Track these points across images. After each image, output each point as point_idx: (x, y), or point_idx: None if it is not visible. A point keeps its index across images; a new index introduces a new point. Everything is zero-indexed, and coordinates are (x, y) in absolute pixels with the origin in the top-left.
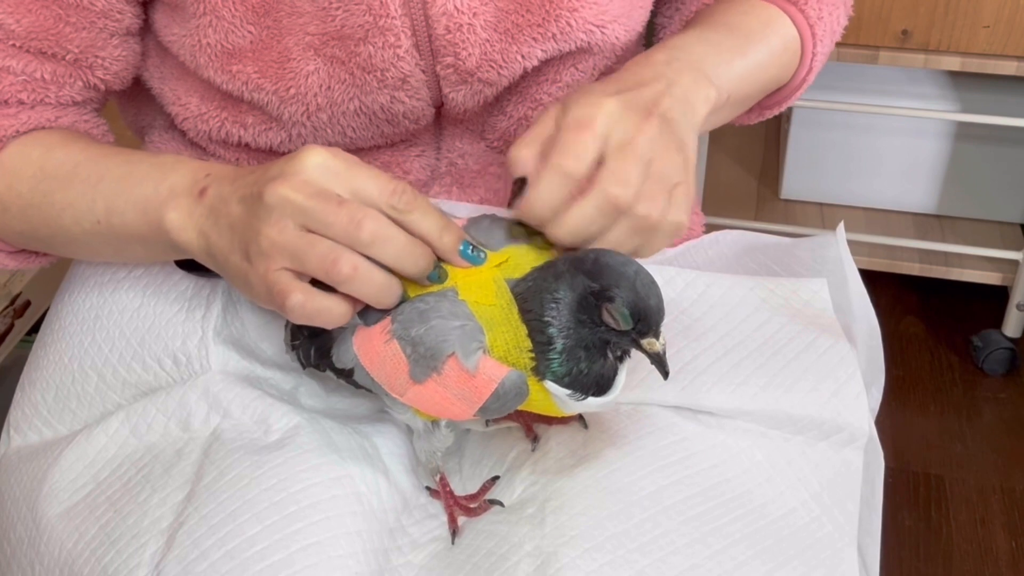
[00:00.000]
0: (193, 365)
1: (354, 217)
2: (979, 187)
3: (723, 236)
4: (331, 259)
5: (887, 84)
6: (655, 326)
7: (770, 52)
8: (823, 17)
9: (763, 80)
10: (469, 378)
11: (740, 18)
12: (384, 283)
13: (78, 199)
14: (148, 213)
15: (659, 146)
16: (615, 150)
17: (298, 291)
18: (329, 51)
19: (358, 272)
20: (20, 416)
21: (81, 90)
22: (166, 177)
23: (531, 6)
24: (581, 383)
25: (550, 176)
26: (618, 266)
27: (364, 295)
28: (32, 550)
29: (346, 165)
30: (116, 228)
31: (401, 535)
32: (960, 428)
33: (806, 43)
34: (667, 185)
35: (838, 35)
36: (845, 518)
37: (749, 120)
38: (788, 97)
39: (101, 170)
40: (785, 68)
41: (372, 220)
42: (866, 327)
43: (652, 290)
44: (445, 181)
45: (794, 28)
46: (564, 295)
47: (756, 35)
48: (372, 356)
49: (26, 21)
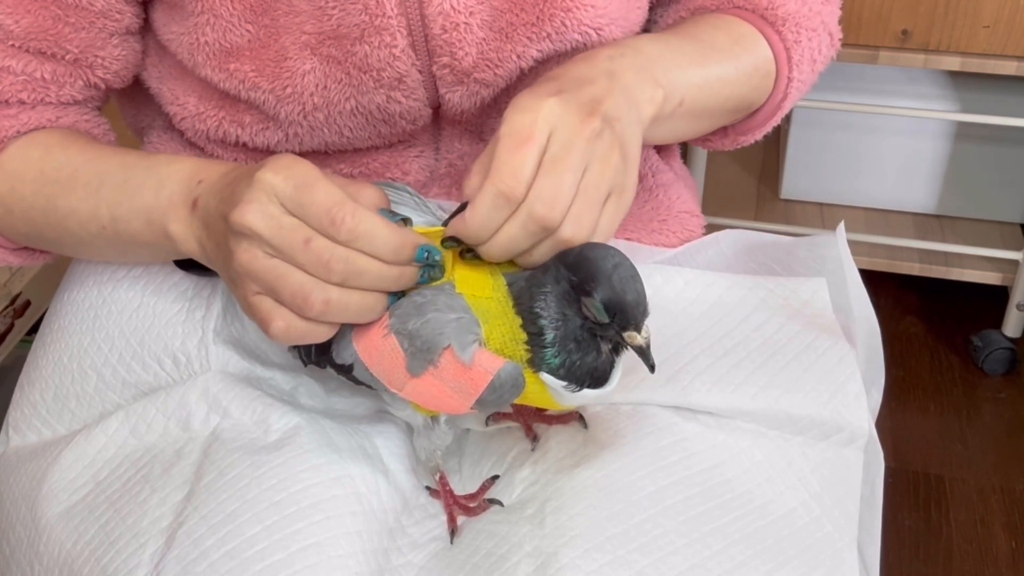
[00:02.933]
0: (193, 365)
1: (321, 258)
2: (979, 187)
3: (723, 236)
4: (302, 296)
5: (887, 84)
6: (634, 320)
7: (736, 68)
8: (800, 41)
9: (725, 95)
10: (465, 370)
11: (710, 31)
12: (361, 306)
13: (81, 205)
14: (152, 223)
15: (599, 149)
16: (549, 162)
17: (279, 318)
18: (325, 50)
19: (331, 305)
20: (19, 416)
21: (82, 89)
22: (163, 185)
23: (525, 5)
24: (576, 375)
25: (486, 197)
26: (597, 260)
27: (344, 320)
28: (31, 550)
29: (296, 189)
30: (122, 235)
31: (401, 535)
32: (960, 428)
33: (781, 66)
34: (598, 199)
35: (820, 64)
36: (845, 518)
37: (724, 145)
38: (764, 122)
39: (100, 175)
40: (756, 89)
41: (338, 260)
42: (866, 327)
43: (630, 284)
44: (444, 182)
45: (769, 50)
46: (551, 288)
47: (723, 49)
48: (371, 351)
49: (25, 22)
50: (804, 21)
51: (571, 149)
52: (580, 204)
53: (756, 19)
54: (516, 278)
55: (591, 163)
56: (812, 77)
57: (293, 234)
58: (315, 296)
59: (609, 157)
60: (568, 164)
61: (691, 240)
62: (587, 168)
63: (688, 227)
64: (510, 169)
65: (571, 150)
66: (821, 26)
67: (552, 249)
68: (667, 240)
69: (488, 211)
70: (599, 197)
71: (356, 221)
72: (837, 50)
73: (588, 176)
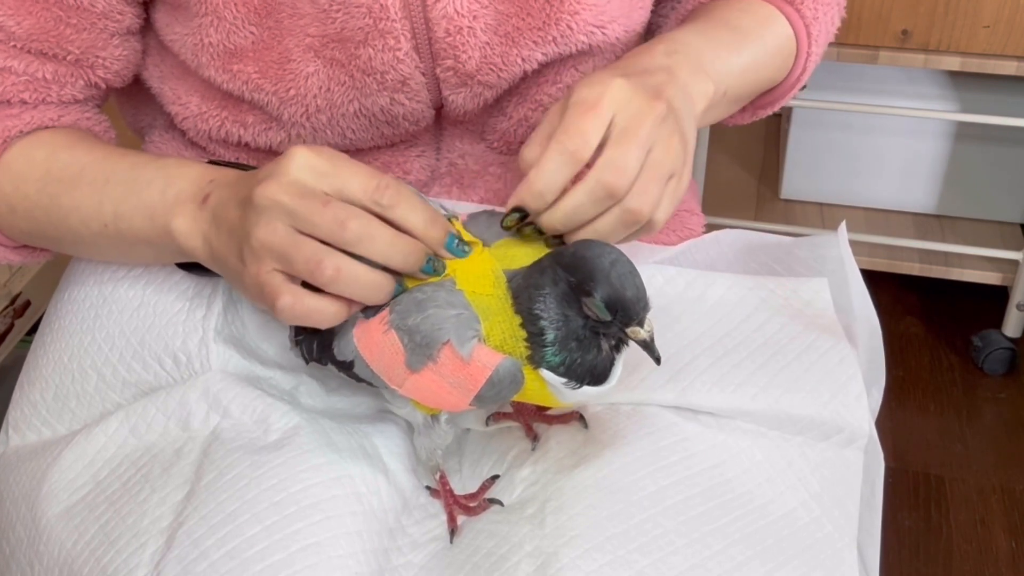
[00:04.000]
0: (193, 364)
1: (338, 217)
2: (979, 187)
3: (724, 235)
4: (315, 261)
5: (887, 84)
6: (636, 316)
7: (765, 50)
8: (819, 17)
9: (758, 78)
10: (464, 366)
11: (737, 15)
12: (370, 281)
13: (84, 202)
14: (155, 219)
15: (664, 132)
16: (618, 134)
17: (287, 293)
18: (329, 53)
19: (341, 273)
20: (19, 416)
21: (83, 89)
22: (172, 183)
23: (531, 9)
24: (576, 372)
25: (552, 155)
26: (594, 259)
27: (351, 295)
28: (31, 550)
29: (331, 164)
30: (124, 232)
31: (401, 535)
32: (960, 428)
33: (801, 43)
34: (663, 176)
35: (832, 36)
36: (845, 518)
37: (743, 120)
38: (782, 97)
39: (107, 173)
40: (780, 67)
41: (356, 219)
42: (867, 327)
43: (628, 281)
44: (445, 181)
45: (790, 27)
46: (549, 290)
47: (752, 33)
48: (371, 346)
49: (27, 23)
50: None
51: (640, 125)
52: (646, 178)
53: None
54: (515, 275)
55: (656, 142)
56: (824, 48)
57: (313, 196)
58: (327, 261)
59: (671, 141)
60: (637, 138)
61: (691, 239)
62: (652, 147)
63: (688, 226)
64: (578, 130)
65: (640, 126)
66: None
67: (619, 221)
68: (667, 239)
69: (554, 169)
70: (664, 174)
71: (399, 186)
72: (844, 16)
73: (653, 154)
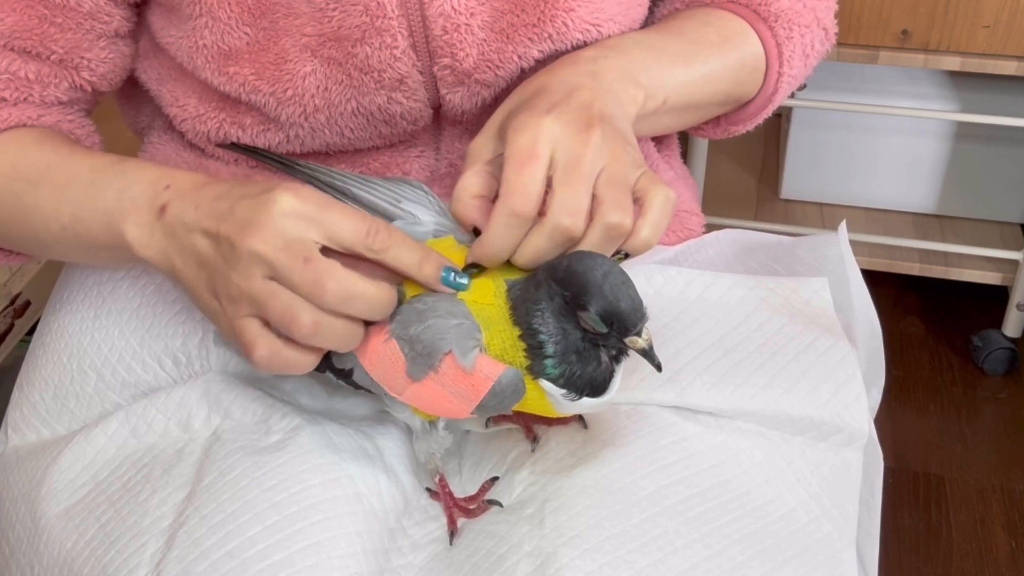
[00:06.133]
0: (193, 365)
1: (318, 279)
2: (979, 187)
3: (723, 235)
4: (290, 315)
5: (887, 84)
6: (633, 326)
7: (724, 65)
8: (792, 38)
9: (711, 91)
10: (466, 376)
11: (699, 28)
12: (347, 333)
13: (45, 203)
14: (111, 226)
15: (607, 150)
16: (562, 175)
17: (263, 346)
18: (326, 52)
19: (319, 328)
20: (18, 416)
21: (67, 91)
22: (128, 188)
23: (526, 6)
24: (576, 384)
25: (499, 219)
26: (586, 272)
27: (328, 347)
28: (31, 550)
29: (318, 209)
30: (82, 236)
31: (401, 536)
32: (960, 428)
33: (772, 62)
34: (626, 184)
35: (813, 59)
36: (844, 519)
37: (715, 135)
38: (755, 115)
39: (69, 175)
40: (743, 84)
41: (335, 281)
42: (867, 327)
43: (622, 292)
44: (445, 182)
45: (760, 46)
46: (546, 304)
47: (710, 47)
48: (371, 356)
49: (10, 20)
50: (797, 17)
51: (580, 160)
52: (612, 191)
53: (749, 14)
54: (516, 283)
55: (605, 164)
56: (805, 71)
57: (296, 252)
58: (304, 316)
59: (616, 150)
60: (581, 175)
61: (691, 239)
62: (603, 168)
63: (688, 226)
64: (518, 188)
65: (580, 161)
66: (815, 22)
67: (602, 235)
68: (667, 239)
69: (503, 232)
70: (625, 181)
71: (389, 229)
72: (833, 44)
73: (607, 171)
